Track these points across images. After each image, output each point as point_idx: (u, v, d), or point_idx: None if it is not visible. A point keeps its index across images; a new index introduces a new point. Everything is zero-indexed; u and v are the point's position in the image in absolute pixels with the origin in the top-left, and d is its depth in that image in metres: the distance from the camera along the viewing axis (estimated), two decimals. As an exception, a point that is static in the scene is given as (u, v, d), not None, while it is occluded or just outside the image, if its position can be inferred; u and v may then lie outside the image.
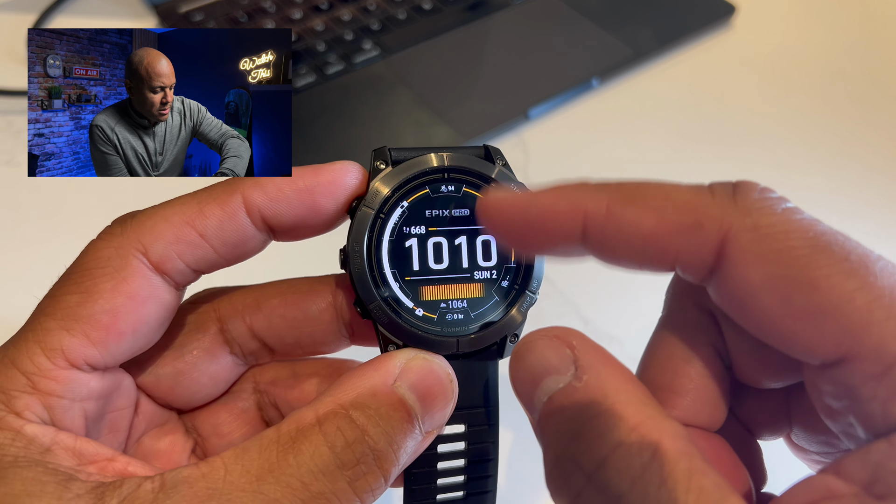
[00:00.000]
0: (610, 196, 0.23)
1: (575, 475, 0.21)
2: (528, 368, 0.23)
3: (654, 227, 0.22)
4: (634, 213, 0.22)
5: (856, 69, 0.82)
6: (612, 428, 0.20)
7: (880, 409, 0.19)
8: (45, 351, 0.24)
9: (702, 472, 0.19)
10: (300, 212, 0.28)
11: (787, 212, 0.21)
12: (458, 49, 0.76)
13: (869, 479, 0.19)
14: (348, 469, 0.24)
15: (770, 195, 0.22)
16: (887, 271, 0.20)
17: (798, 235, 0.21)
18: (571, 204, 0.23)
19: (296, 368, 0.34)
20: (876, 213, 0.66)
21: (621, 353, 0.23)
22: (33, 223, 0.58)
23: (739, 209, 0.22)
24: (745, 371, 0.26)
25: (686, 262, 0.22)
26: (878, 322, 0.19)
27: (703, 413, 0.26)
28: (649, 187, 0.23)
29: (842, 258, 0.20)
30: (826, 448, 0.26)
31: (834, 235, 0.21)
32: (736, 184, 0.23)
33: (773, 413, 0.27)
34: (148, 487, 0.22)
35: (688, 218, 0.22)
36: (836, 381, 0.20)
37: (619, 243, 0.23)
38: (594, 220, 0.23)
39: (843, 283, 0.20)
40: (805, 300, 0.20)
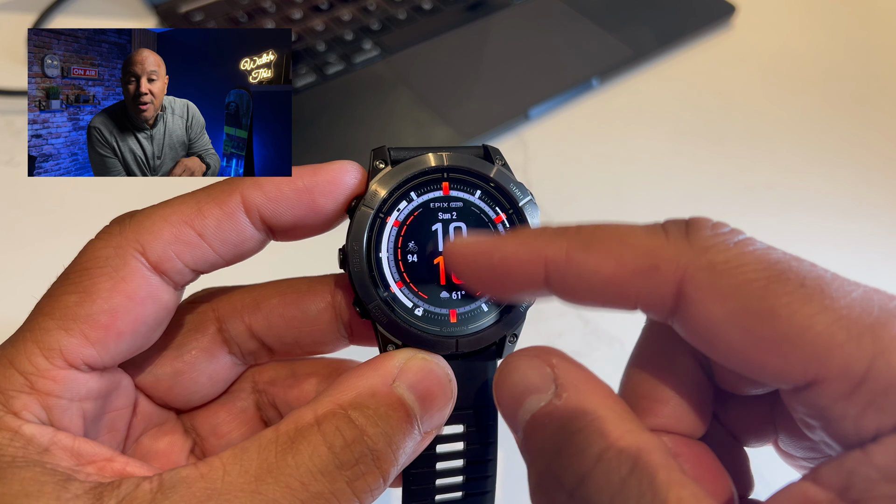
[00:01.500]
0: (569, 242, 0.23)
1: (557, 492, 0.21)
2: (510, 388, 0.24)
3: (612, 272, 0.23)
4: (593, 258, 0.23)
5: (856, 69, 0.82)
6: (591, 444, 0.21)
7: (852, 426, 0.20)
8: (43, 351, 0.24)
9: (680, 484, 0.20)
10: (299, 211, 0.28)
11: (739, 245, 0.22)
12: (458, 49, 0.76)
13: (843, 485, 0.19)
14: (347, 469, 0.24)
15: (722, 230, 0.23)
16: (843, 291, 0.20)
17: (753, 267, 0.21)
18: (532, 251, 0.24)
19: (295, 368, 0.34)
20: (876, 213, 0.66)
21: (621, 354, 0.23)
22: (33, 223, 0.58)
23: (693, 248, 0.22)
24: (726, 379, 0.26)
25: (646, 302, 0.23)
26: (839, 344, 0.20)
27: (686, 420, 0.26)
28: (606, 230, 0.23)
29: (798, 284, 0.20)
30: (812, 454, 0.26)
31: (788, 262, 0.21)
32: (688, 221, 0.23)
33: (758, 420, 0.28)
34: (146, 487, 0.22)
35: (644, 261, 0.22)
36: (808, 403, 0.21)
37: (581, 287, 0.23)
38: (555, 267, 0.23)
39: (802, 309, 0.20)
40: (767, 330, 0.20)
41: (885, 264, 0.61)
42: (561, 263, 0.23)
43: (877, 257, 0.62)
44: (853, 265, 0.61)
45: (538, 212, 0.31)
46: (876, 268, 0.61)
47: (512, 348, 0.30)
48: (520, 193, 0.31)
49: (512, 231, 0.25)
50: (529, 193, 0.31)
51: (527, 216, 0.30)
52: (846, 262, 0.61)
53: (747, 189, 0.67)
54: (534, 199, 0.31)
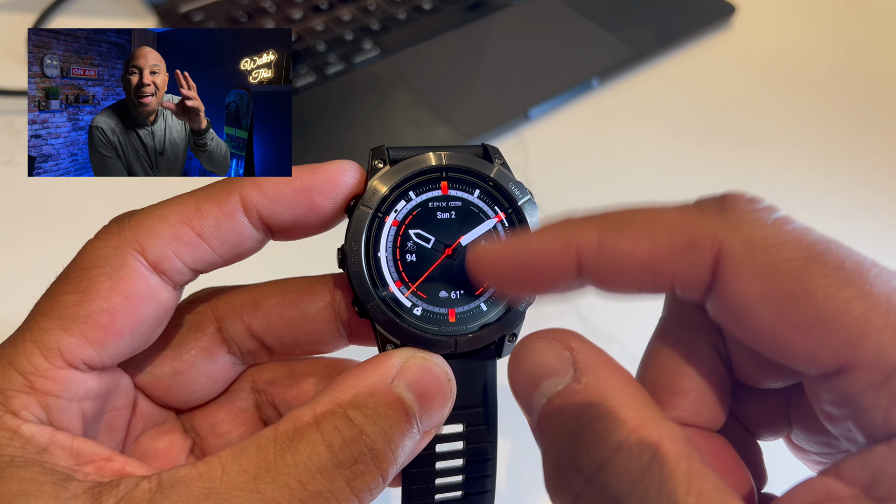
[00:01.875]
0: (599, 228, 0.23)
1: (574, 478, 0.21)
2: (526, 370, 0.23)
3: (647, 253, 0.22)
4: (626, 241, 0.22)
5: (856, 69, 0.82)
6: (611, 430, 0.20)
7: (881, 417, 0.19)
8: (42, 351, 0.24)
9: (701, 475, 0.19)
10: (298, 211, 0.28)
11: (778, 222, 0.21)
12: (458, 49, 0.76)
13: (869, 481, 0.19)
14: (346, 468, 0.23)
15: (759, 205, 0.22)
16: (882, 278, 0.20)
17: (791, 246, 0.21)
18: (562, 242, 0.23)
19: (294, 368, 0.34)
20: (876, 213, 0.66)
21: (621, 354, 0.23)
22: (32, 223, 0.58)
23: (730, 223, 0.22)
24: (745, 371, 0.26)
25: (683, 281, 0.22)
26: (875, 331, 0.19)
27: (704, 413, 0.26)
28: (637, 213, 0.23)
29: (836, 267, 0.20)
30: (826, 449, 0.26)
31: (827, 244, 0.21)
32: (723, 197, 0.23)
33: (772, 413, 0.27)
34: (145, 487, 0.22)
35: (680, 238, 0.22)
36: (836, 391, 0.20)
37: (616, 273, 0.23)
38: (587, 254, 0.23)
39: (839, 292, 0.20)
40: (802, 312, 0.20)
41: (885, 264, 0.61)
42: (593, 250, 0.23)
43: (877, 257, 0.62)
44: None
45: (537, 211, 0.31)
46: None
47: (511, 348, 0.30)
48: (519, 193, 0.31)
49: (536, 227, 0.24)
50: (529, 193, 0.31)
51: (526, 215, 0.30)
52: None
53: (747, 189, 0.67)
54: (533, 198, 0.31)
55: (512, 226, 0.31)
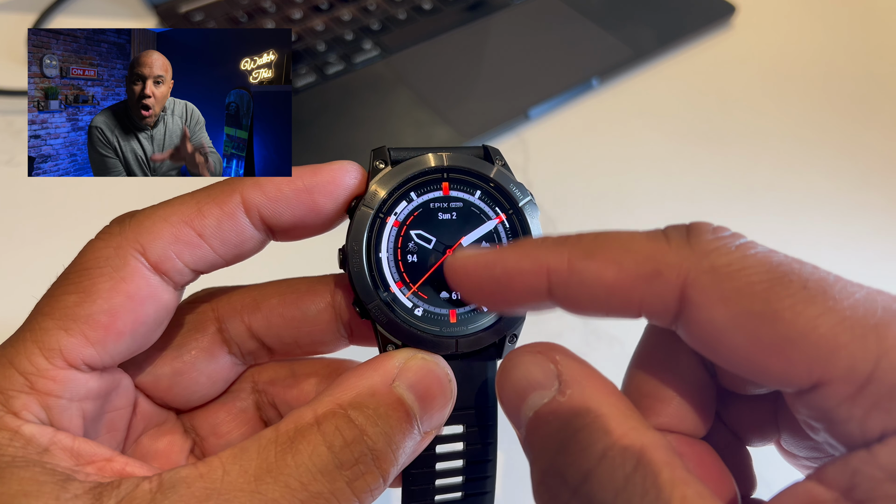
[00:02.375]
0: (570, 250, 0.23)
1: (560, 489, 0.21)
2: (513, 384, 0.24)
3: (614, 279, 0.23)
4: (595, 265, 0.23)
5: (856, 69, 0.82)
6: (595, 441, 0.21)
7: (857, 428, 0.20)
8: (43, 351, 0.24)
9: (684, 482, 0.20)
10: (299, 212, 0.28)
11: (741, 248, 0.22)
12: (458, 49, 0.76)
13: (848, 484, 0.19)
14: (347, 469, 0.23)
15: (723, 234, 0.22)
16: (846, 292, 0.20)
17: (755, 270, 0.21)
18: (534, 261, 0.24)
19: (294, 368, 0.34)
20: (876, 214, 0.66)
21: (621, 354, 0.23)
22: (33, 223, 0.58)
23: (695, 253, 0.22)
24: (729, 379, 0.26)
25: (650, 309, 0.23)
26: (844, 345, 0.20)
27: (688, 420, 0.26)
28: (608, 238, 0.23)
29: (800, 287, 0.20)
30: (815, 453, 0.26)
31: (790, 265, 0.21)
32: (689, 226, 0.23)
33: (761, 419, 0.27)
34: (146, 487, 0.22)
35: (646, 267, 0.22)
36: (812, 406, 0.21)
37: (584, 296, 0.23)
38: (557, 276, 0.23)
39: (805, 311, 0.20)
40: (771, 333, 0.20)
41: (885, 264, 0.61)
42: (563, 273, 0.23)
43: (877, 257, 0.62)
44: (853, 265, 0.61)
45: (538, 212, 0.31)
46: (876, 268, 0.61)
47: (512, 348, 0.30)
48: (520, 193, 0.31)
49: (512, 243, 0.25)
50: (529, 193, 0.31)
51: (527, 216, 0.30)
52: (846, 262, 0.61)
53: (747, 189, 0.67)
54: (534, 199, 0.31)
55: (513, 226, 0.31)
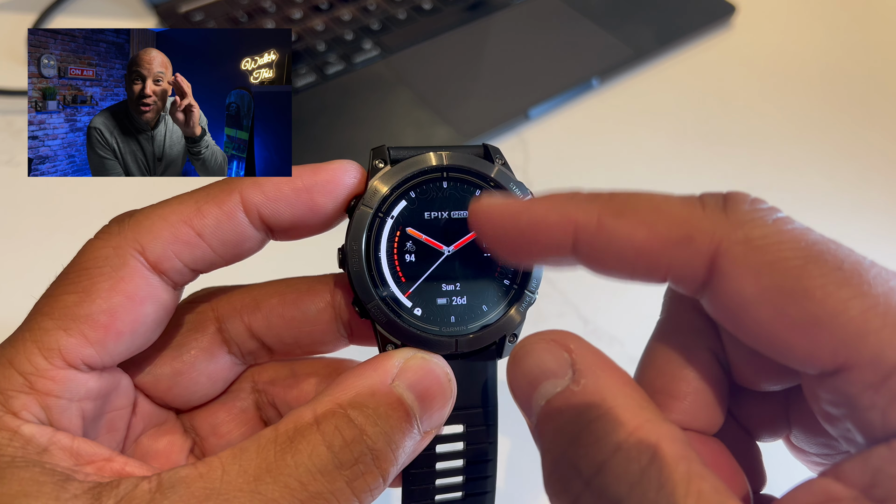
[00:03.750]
0: (601, 207, 0.23)
1: (573, 480, 0.21)
2: (525, 372, 0.23)
3: (644, 240, 0.22)
4: (625, 225, 0.22)
5: (856, 69, 0.82)
6: (610, 432, 0.20)
7: (879, 417, 0.19)
8: (42, 351, 0.24)
9: (700, 476, 0.19)
10: (298, 211, 0.28)
11: (778, 222, 0.21)
12: (458, 49, 0.76)
13: (868, 483, 0.19)
14: (346, 469, 0.23)
15: (761, 206, 0.22)
16: (881, 278, 0.20)
17: (790, 246, 0.21)
18: (562, 215, 0.23)
19: (294, 368, 0.34)
20: (876, 213, 0.66)
21: (621, 354, 0.23)
22: (33, 223, 0.58)
23: (730, 221, 0.22)
24: (744, 374, 0.26)
25: (677, 274, 0.22)
26: (873, 331, 0.19)
27: (701, 417, 0.26)
28: (640, 198, 0.23)
29: (835, 267, 0.20)
30: (825, 450, 0.26)
31: (826, 244, 0.21)
32: (727, 195, 0.23)
33: (772, 415, 0.27)
34: (145, 487, 0.22)
35: (678, 231, 0.22)
36: (834, 390, 0.20)
37: (610, 255, 0.23)
38: (585, 232, 0.23)
39: (838, 292, 0.20)
40: (800, 311, 0.20)
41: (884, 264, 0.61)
42: (591, 229, 0.23)
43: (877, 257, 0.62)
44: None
45: (538, 211, 0.31)
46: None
47: (511, 348, 0.30)
48: (519, 193, 0.31)
49: (541, 195, 0.24)
50: (529, 193, 0.31)
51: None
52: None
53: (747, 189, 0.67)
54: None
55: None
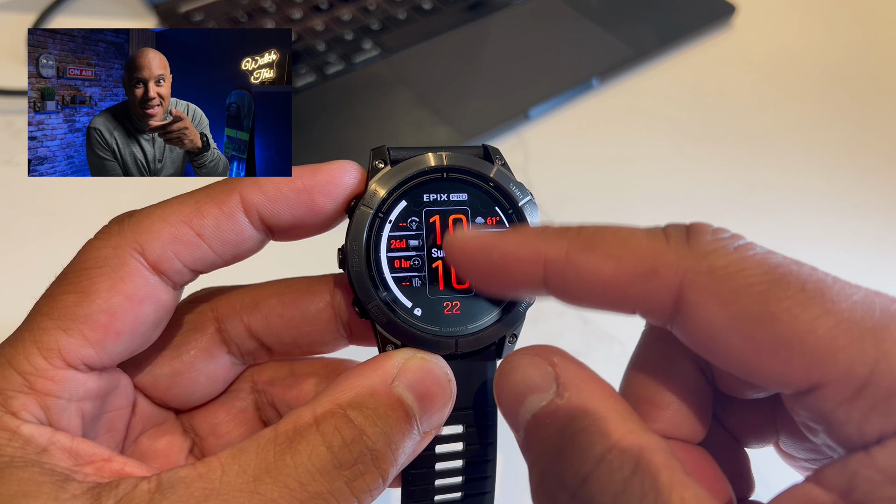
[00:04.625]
0: (569, 242, 0.23)
1: (559, 493, 0.21)
2: (511, 387, 0.24)
3: (611, 275, 0.23)
4: (592, 259, 0.23)
5: (855, 69, 0.82)
6: (593, 444, 0.21)
7: (855, 430, 0.20)
8: (41, 351, 0.24)
9: (683, 485, 0.19)
10: (298, 211, 0.28)
11: (740, 249, 0.22)
12: (458, 49, 0.76)
13: (846, 487, 0.19)
14: (346, 469, 0.23)
15: (722, 235, 0.22)
16: (844, 294, 0.20)
17: (753, 272, 0.21)
18: (531, 250, 0.24)
19: (294, 368, 0.34)
20: (875, 214, 0.66)
21: (621, 353, 0.23)
22: (32, 223, 0.58)
23: (694, 253, 0.22)
24: (728, 383, 0.26)
25: (645, 307, 0.23)
26: (842, 347, 0.19)
27: (685, 426, 0.26)
28: (607, 232, 0.23)
29: (798, 289, 0.20)
30: (813, 455, 0.26)
31: (788, 266, 0.21)
32: (689, 227, 0.23)
33: (759, 422, 0.27)
34: (144, 488, 0.22)
35: (643, 265, 0.22)
36: (810, 408, 0.21)
37: (579, 289, 0.23)
38: (554, 266, 0.23)
39: (803, 313, 0.20)
40: (768, 335, 0.20)
41: (885, 264, 0.61)
42: (560, 264, 0.23)
43: (877, 257, 0.62)
44: (853, 265, 0.61)
45: (538, 212, 0.31)
46: (876, 268, 0.61)
47: (511, 348, 0.30)
48: (519, 193, 0.31)
49: (513, 228, 0.25)
50: (529, 193, 0.31)
51: (526, 216, 0.30)
52: (846, 262, 0.60)
53: (747, 189, 0.67)
54: (533, 199, 0.31)
55: (511, 225, 0.31)
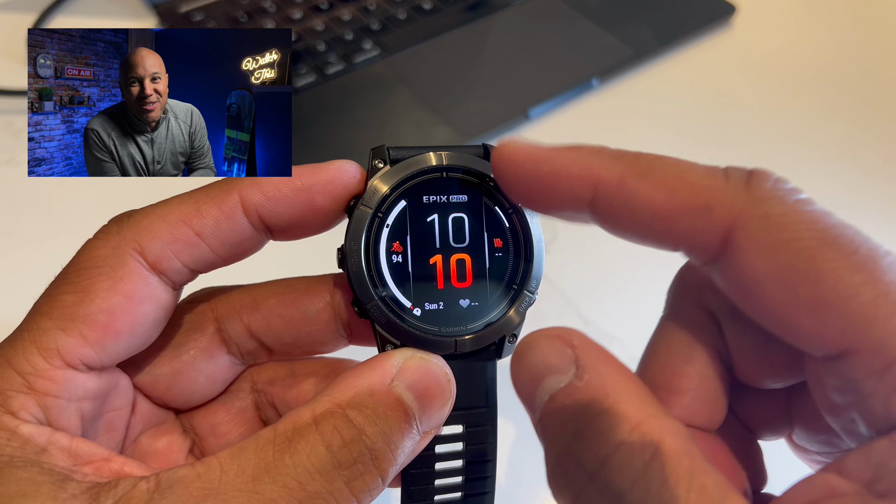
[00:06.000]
0: (625, 166, 0.23)
1: (576, 474, 0.21)
2: (529, 367, 0.23)
3: (663, 205, 0.22)
4: (646, 187, 0.22)
5: (855, 69, 0.82)
6: (613, 427, 0.20)
7: (882, 405, 0.19)
8: (41, 350, 0.24)
9: (703, 471, 0.19)
10: (298, 211, 0.28)
11: (798, 202, 0.21)
12: (458, 49, 0.76)
13: (871, 477, 0.19)
14: (345, 469, 0.23)
15: (784, 185, 0.22)
16: (895, 267, 0.20)
17: (807, 227, 0.21)
18: (585, 168, 0.23)
19: (294, 368, 0.34)
20: (876, 214, 0.66)
21: (621, 353, 0.23)
22: (32, 222, 0.58)
23: (752, 197, 0.22)
24: (746, 371, 0.26)
25: (691, 243, 0.22)
26: (882, 318, 0.19)
27: (702, 413, 0.25)
28: (665, 162, 0.23)
29: (850, 252, 0.20)
30: (827, 448, 0.26)
31: (843, 229, 0.21)
32: (751, 171, 0.23)
33: (774, 413, 0.27)
34: (143, 487, 0.22)
35: (698, 199, 0.22)
36: (839, 375, 0.20)
37: (626, 215, 0.23)
38: (605, 189, 0.23)
39: (850, 276, 0.20)
40: (810, 291, 0.20)
41: None
42: (612, 187, 0.23)
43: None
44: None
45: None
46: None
47: (511, 348, 0.30)
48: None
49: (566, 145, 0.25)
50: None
51: (526, 215, 0.30)
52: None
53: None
54: (533, 198, 0.31)
55: (512, 225, 0.30)
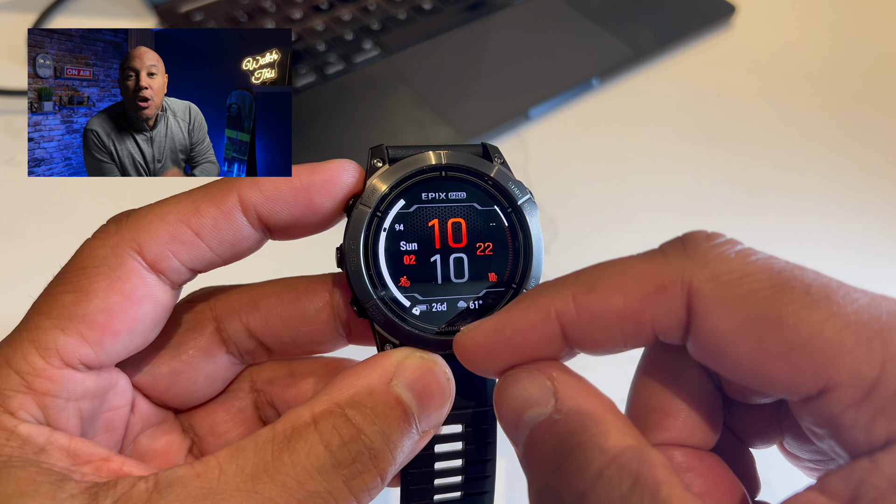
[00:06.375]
0: (572, 288, 0.23)
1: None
2: (510, 401, 0.24)
3: (622, 305, 0.23)
4: (600, 297, 0.23)
5: (856, 69, 0.82)
6: (591, 460, 0.21)
7: (862, 434, 0.20)
8: (39, 350, 0.24)
9: (681, 500, 0.19)
10: (296, 210, 0.28)
11: (741, 255, 0.22)
12: (458, 49, 0.76)
13: (851, 495, 0.19)
14: (344, 468, 0.23)
15: (719, 240, 0.22)
16: (849, 297, 0.20)
17: (757, 277, 0.21)
18: (540, 310, 0.24)
19: (293, 367, 0.34)
20: (876, 214, 0.66)
21: (624, 356, 0.23)
22: (32, 222, 0.58)
23: (695, 262, 0.22)
24: (735, 390, 0.26)
25: (663, 326, 0.23)
26: (849, 349, 0.19)
27: (696, 433, 0.26)
28: (605, 268, 0.23)
29: (803, 292, 0.20)
30: (818, 456, 0.26)
31: (791, 271, 0.21)
32: (684, 237, 0.23)
33: (764, 424, 0.27)
34: (142, 487, 0.22)
35: (650, 285, 0.22)
36: (817, 413, 0.21)
37: (597, 331, 0.23)
38: (567, 318, 0.23)
39: (809, 316, 0.20)
40: (776, 340, 0.20)
41: (885, 264, 0.61)
42: (571, 312, 0.23)
43: (877, 257, 0.62)
44: (853, 265, 0.60)
45: (537, 210, 0.31)
46: (876, 268, 0.61)
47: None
48: (518, 192, 0.30)
49: (509, 303, 0.25)
50: (528, 192, 0.31)
51: (525, 215, 0.30)
52: (846, 262, 0.60)
53: (747, 189, 0.67)
54: (532, 197, 0.31)
55: (511, 225, 0.30)
